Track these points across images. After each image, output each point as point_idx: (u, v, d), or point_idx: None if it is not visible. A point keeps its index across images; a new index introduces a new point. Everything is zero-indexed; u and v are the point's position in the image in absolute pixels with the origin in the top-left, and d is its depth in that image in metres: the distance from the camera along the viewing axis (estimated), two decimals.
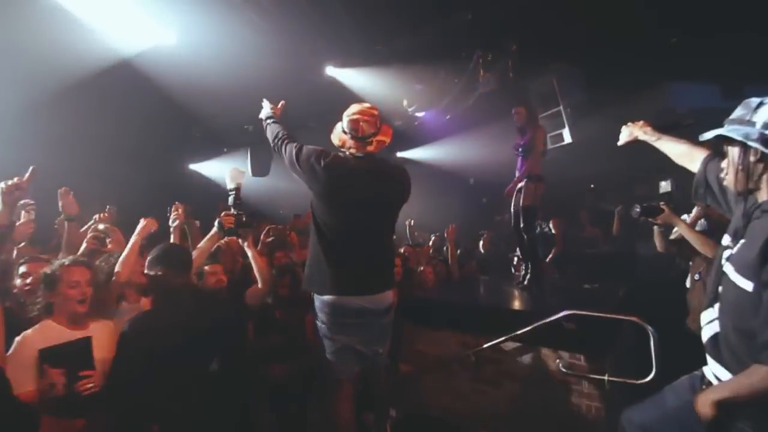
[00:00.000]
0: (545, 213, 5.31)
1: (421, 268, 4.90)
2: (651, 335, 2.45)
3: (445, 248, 5.42)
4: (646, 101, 6.31)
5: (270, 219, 6.01)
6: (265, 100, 2.74)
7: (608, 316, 2.68)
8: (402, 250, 5.11)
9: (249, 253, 2.63)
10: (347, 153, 2.36)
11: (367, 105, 2.39)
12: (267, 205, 9.60)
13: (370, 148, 2.33)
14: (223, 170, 9.19)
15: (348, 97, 5.19)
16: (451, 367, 3.36)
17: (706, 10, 4.62)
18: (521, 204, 4.16)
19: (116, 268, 2.30)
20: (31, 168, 2.26)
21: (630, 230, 5.67)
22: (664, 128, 2.04)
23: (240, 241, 2.66)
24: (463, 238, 7.19)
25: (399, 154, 9.08)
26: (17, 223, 2.74)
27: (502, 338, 3.05)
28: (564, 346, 2.89)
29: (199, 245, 2.59)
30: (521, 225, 4.19)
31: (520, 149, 4.24)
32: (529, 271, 4.24)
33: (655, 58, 5.49)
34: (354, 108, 2.37)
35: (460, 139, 7.83)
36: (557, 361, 2.89)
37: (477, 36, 4.92)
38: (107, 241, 2.84)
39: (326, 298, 2.26)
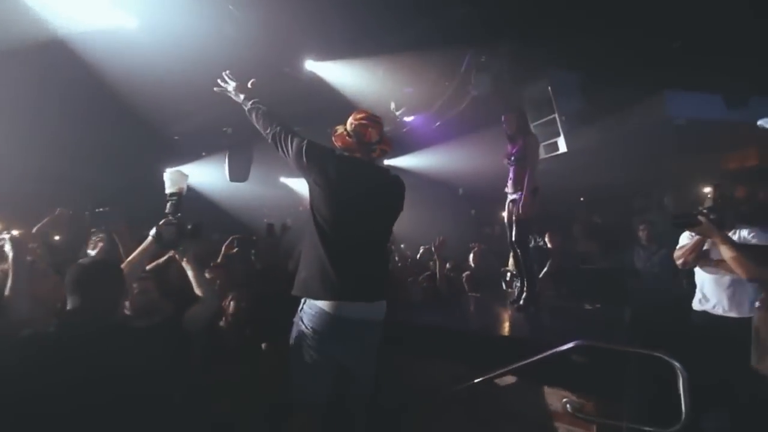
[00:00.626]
0: (539, 226, 4.97)
1: (410, 280, 4.53)
2: (680, 374, 2.05)
3: (432, 262, 5.05)
4: (644, 110, 6.08)
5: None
6: (227, 73, 2.41)
7: (627, 349, 2.27)
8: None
9: (188, 271, 2.22)
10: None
11: (371, 112, 2.35)
12: (246, 214, 9.11)
13: (374, 155, 2.32)
14: (202, 173, 8.86)
15: (329, 94, 4.79)
16: (442, 402, 2.91)
17: (708, 14, 4.41)
18: (516, 217, 3.80)
19: None
20: None
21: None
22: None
23: (177, 255, 2.21)
24: (451, 251, 6.83)
25: (386, 162, 8.68)
26: None
27: (500, 371, 2.63)
28: (572, 384, 2.47)
29: (129, 258, 2.12)
30: (515, 239, 3.83)
31: (511, 158, 3.92)
32: (524, 288, 3.85)
33: (655, 65, 5.26)
34: (361, 113, 2.33)
35: (449, 146, 7.49)
36: (564, 400, 2.47)
37: (470, 36, 4.58)
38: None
39: (322, 303, 2.11)
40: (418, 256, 6.31)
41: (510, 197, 3.92)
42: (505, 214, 4.04)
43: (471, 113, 5.77)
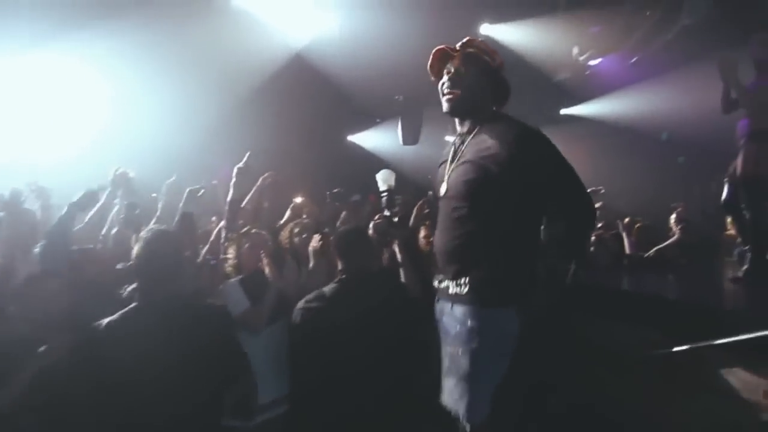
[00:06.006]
0: None
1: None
2: None
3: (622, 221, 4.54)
4: None
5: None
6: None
7: None
8: None
9: (399, 257, 2.49)
10: None
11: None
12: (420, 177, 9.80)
13: None
14: (377, 139, 9.84)
15: (505, 55, 4.68)
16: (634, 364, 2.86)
17: None
18: (738, 172, 3.13)
19: None
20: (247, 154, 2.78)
21: None
22: None
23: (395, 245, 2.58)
24: (649, 210, 5.94)
25: (563, 111, 7.92)
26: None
27: (702, 343, 2.42)
28: None
29: None
30: (741, 201, 3.18)
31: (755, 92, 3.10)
32: (748, 261, 3.22)
33: None
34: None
35: (647, 87, 6.26)
36: None
37: None
38: None
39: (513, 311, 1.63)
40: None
41: (742, 145, 3.19)
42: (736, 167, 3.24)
43: (680, 45, 4.74)
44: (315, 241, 2.78)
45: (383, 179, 2.65)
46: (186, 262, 2.26)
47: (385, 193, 2.60)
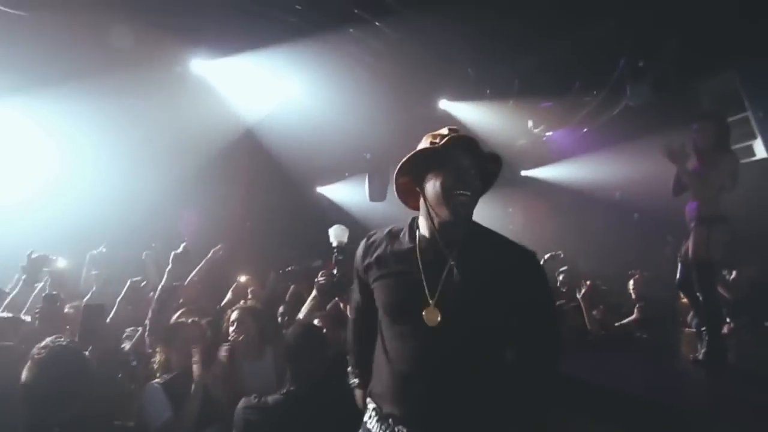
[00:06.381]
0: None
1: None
2: None
3: (579, 290, 4.48)
4: None
5: None
6: None
7: None
8: None
9: (347, 314, 2.44)
10: None
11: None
12: None
13: None
14: (344, 192, 9.86)
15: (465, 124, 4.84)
16: None
17: None
18: (690, 256, 3.20)
19: None
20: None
21: None
22: None
23: (341, 304, 2.56)
24: (606, 273, 6.02)
25: (524, 173, 8.24)
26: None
27: None
28: None
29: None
30: (694, 283, 3.22)
31: (694, 177, 3.24)
32: (706, 343, 3.21)
33: None
34: None
35: (598, 155, 6.63)
36: None
37: (624, 41, 4.04)
38: None
39: None
40: (559, 279, 5.22)
41: (692, 228, 3.28)
42: (686, 248, 3.35)
43: (625, 122, 5.05)
44: (223, 351, 2.52)
45: (335, 235, 2.61)
46: (91, 376, 1.94)
47: (335, 250, 2.54)
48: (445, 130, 1.48)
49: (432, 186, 1.42)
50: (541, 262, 4.69)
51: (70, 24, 3.18)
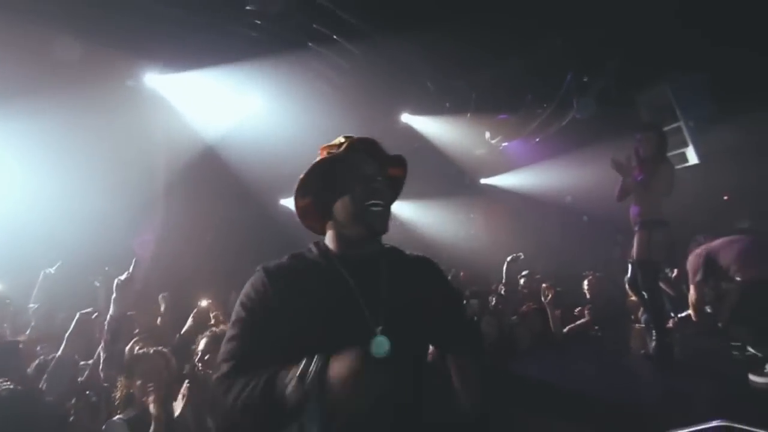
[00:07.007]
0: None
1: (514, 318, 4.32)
2: None
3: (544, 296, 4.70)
4: None
5: None
6: None
7: None
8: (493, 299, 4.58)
9: None
10: None
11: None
12: None
13: None
14: None
15: (423, 143, 4.99)
16: None
17: None
18: (634, 257, 3.47)
19: None
20: (133, 260, 2.46)
21: None
22: None
23: None
24: (563, 275, 6.35)
25: (483, 181, 8.56)
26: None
27: None
28: None
29: None
30: (640, 283, 3.49)
31: (636, 185, 3.53)
32: (654, 338, 3.48)
33: None
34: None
35: (551, 163, 7.07)
36: None
37: (570, 58, 4.34)
38: None
39: None
40: (520, 283, 5.46)
41: (635, 231, 3.57)
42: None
43: (574, 132, 5.41)
44: (184, 388, 2.29)
45: None
46: (44, 418, 1.82)
47: None
48: (341, 138, 1.33)
49: (340, 202, 1.25)
50: (505, 265, 5.07)
51: (13, 40, 2.97)
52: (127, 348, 2.70)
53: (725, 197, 7.16)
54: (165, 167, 4.49)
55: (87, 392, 2.43)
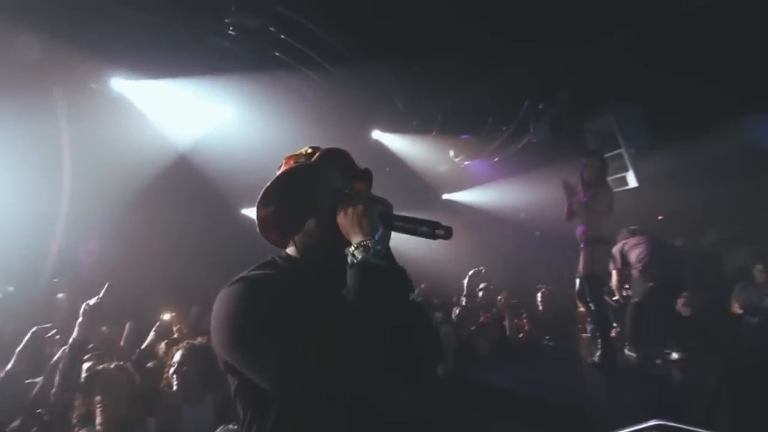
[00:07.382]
0: None
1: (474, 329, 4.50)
2: None
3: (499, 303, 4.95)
4: (724, 137, 5.68)
5: None
6: None
7: None
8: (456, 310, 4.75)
9: None
10: None
11: None
12: None
13: None
14: None
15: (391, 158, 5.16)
16: None
17: None
18: (581, 272, 3.81)
19: None
20: (106, 284, 2.36)
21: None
22: None
23: None
24: (517, 287, 6.70)
25: (445, 196, 8.90)
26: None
27: None
28: None
29: None
30: (587, 295, 3.82)
31: (581, 205, 3.90)
32: (600, 346, 3.80)
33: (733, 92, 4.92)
34: None
35: (508, 181, 7.53)
36: None
37: (527, 88, 4.71)
38: None
39: None
40: (479, 295, 5.50)
41: (581, 248, 3.91)
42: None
43: (529, 154, 5.82)
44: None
45: None
46: None
47: None
48: (308, 148, 1.25)
49: (311, 213, 1.16)
50: (467, 278, 5.29)
51: None
52: (85, 366, 2.57)
53: (660, 217, 7.96)
54: (126, 173, 4.31)
55: (38, 411, 2.31)
